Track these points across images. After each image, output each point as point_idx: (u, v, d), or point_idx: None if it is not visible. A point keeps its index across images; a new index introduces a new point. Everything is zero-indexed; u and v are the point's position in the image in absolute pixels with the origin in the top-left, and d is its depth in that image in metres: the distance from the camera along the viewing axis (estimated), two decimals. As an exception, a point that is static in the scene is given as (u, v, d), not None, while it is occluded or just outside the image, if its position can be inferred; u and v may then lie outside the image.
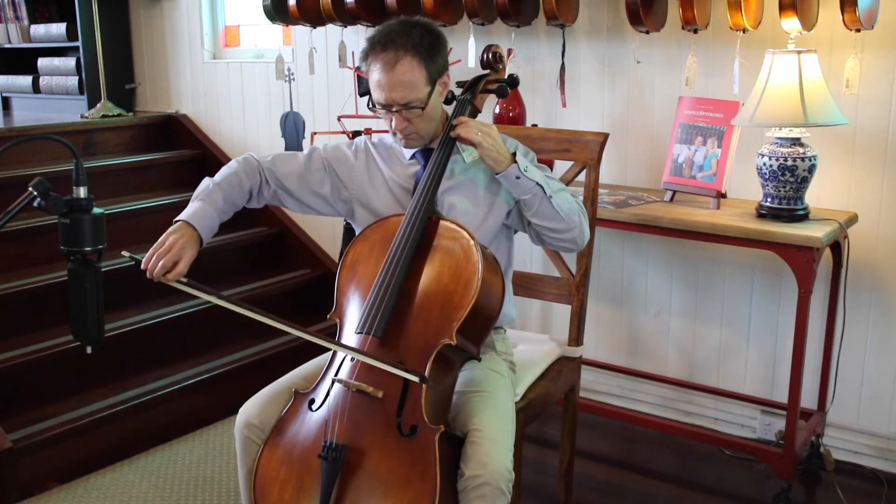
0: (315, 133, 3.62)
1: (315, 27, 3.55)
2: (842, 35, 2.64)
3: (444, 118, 2.01)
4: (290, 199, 2.07)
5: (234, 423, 1.90)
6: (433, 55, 1.90)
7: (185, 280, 1.79)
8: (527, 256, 3.40)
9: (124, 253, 1.79)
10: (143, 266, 1.79)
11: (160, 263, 1.77)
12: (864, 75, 2.65)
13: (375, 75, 1.88)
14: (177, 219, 1.88)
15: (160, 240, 1.82)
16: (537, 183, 1.88)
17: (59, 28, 4.70)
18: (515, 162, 1.87)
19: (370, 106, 1.95)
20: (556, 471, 2.57)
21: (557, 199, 1.91)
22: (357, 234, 2.02)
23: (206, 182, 1.97)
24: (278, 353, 3.47)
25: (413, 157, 2.04)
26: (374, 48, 1.89)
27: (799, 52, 2.48)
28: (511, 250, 2.12)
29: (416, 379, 1.68)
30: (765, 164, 2.57)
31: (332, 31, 3.69)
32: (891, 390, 2.81)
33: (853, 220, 2.69)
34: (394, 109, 1.90)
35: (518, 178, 1.88)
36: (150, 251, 1.80)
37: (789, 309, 2.87)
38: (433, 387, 1.73)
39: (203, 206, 1.91)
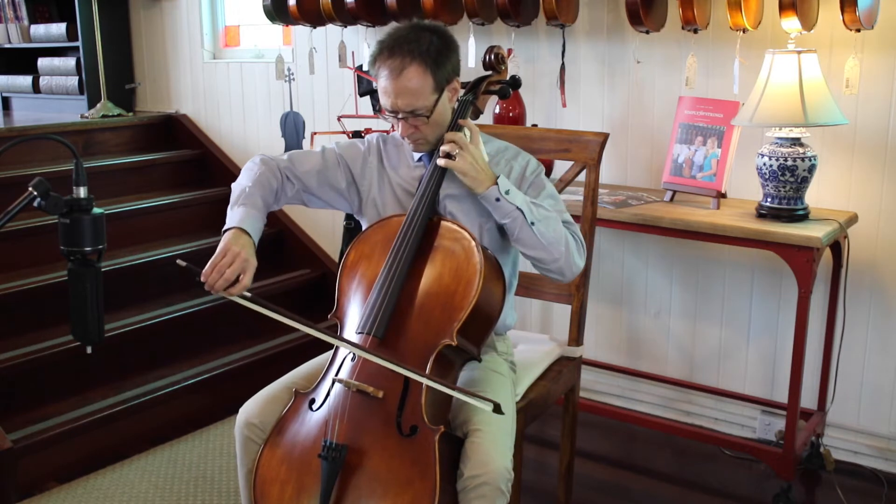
0: (315, 133, 3.61)
1: (315, 27, 3.55)
2: (842, 35, 2.64)
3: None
4: (311, 198, 2.05)
5: (234, 423, 1.89)
6: (441, 62, 1.87)
7: (248, 295, 1.70)
8: (527, 256, 3.39)
9: (179, 262, 1.68)
10: (202, 279, 1.71)
11: (223, 277, 1.70)
12: (864, 75, 2.65)
13: (382, 81, 1.87)
14: (227, 226, 1.82)
15: (219, 250, 1.74)
16: (517, 208, 1.85)
17: (59, 28, 4.70)
18: (496, 184, 1.85)
19: (377, 108, 1.94)
20: (556, 471, 2.57)
21: (541, 226, 1.86)
22: (358, 234, 2.02)
23: (240, 186, 1.92)
24: (278, 353, 3.46)
25: (420, 159, 2.03)
26: (382, 53, 1.87)
27: (799, 52, 2.48)
28: (517, 256, 2.09)
29: (485, 404, 1.62)
30: (765, 164, 2.57)
31: (332, 31, 3.69)
32: (891, 390, 2.81)
33: (853, 220, 2.69)
34: (399, 116, 1.89)
35: (497, 200, 1.85)
36: (211, 264, 1.72)
37: (789, 309, 2.87)
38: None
39: (248, 210, 1.85)
